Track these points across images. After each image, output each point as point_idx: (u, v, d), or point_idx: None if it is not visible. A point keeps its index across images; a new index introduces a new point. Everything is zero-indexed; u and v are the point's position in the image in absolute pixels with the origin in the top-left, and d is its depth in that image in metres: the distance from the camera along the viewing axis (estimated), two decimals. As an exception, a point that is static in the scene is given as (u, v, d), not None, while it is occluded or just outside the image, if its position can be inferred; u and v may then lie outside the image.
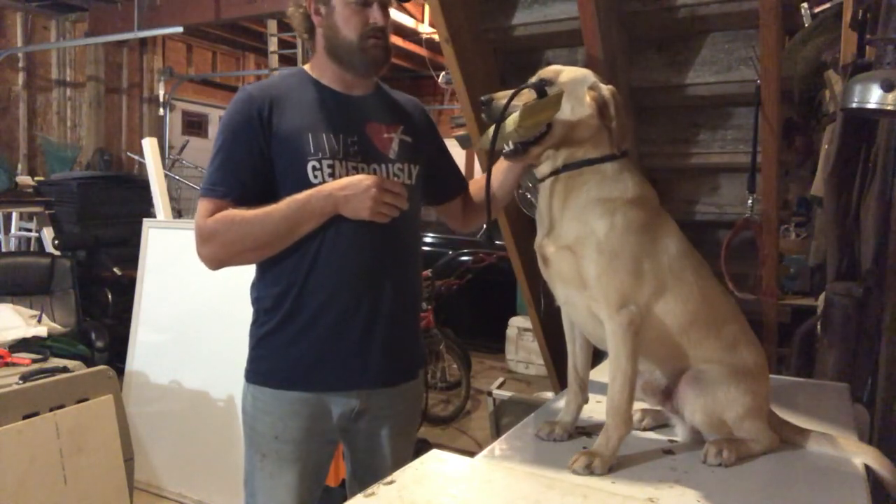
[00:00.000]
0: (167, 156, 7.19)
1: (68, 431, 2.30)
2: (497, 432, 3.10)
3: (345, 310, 1.48)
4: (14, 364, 2.84)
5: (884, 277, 1.96)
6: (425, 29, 7.29)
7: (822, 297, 2.42)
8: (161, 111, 7.61)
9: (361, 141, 1.51)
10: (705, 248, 1.42)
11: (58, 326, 3.62)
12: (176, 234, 3.47)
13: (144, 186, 4.68)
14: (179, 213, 6.64)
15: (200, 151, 7.35)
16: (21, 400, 2.23)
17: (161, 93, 7.59)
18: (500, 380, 3.63)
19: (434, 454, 1.17)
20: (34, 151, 6.58)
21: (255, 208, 1.42)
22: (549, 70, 1.26)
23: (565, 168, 1.23)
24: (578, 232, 1.18)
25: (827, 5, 2.47)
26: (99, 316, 4.60)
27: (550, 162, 1.25)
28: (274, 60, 7.10)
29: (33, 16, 6.54)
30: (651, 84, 2.43)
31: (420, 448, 3.21)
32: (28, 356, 2.93)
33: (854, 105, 1.56)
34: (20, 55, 6.43)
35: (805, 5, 2.48)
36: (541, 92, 1.21)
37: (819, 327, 2.47)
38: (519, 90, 1.22)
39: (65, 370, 2.69)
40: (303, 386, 1.50)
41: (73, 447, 2.31)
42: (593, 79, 1.25)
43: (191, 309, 3.32)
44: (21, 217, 5.62)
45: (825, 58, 2.51)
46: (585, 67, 2.28)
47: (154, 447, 3.33)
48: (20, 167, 6.30)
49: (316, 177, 1.44)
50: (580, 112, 1.21)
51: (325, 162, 1.45)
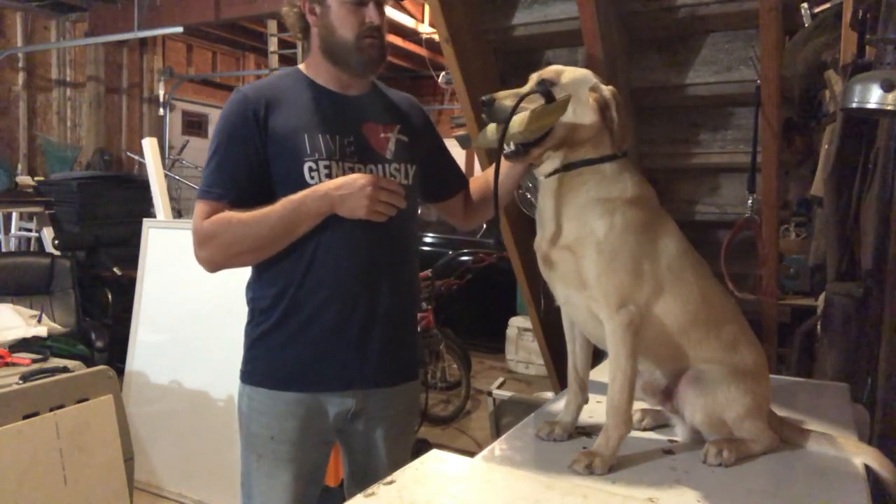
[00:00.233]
0: (167, 156, 7.19)
1: (68, 431, 2.30)
2: (497, 432, 3.10)
3: (342, 310, 1.47)
4: (14, 364, 2.83)
5: (884, 277, 1.96)
6: (425, 29, 7.29)
7: (822, 297, 2.42)
8: (161, 111, 7.62)
9: (358, 141, 1.50)
10: (705, 248, 1.42)
11: (58, 326, 3.62)
12: (176, 234, 3.47)
13: (144, 186, 4.68)
14: (179, 213, 6.64)
15: (200, 151, 7.34)
16: (21, 400, 2.23)
17: (161, 93, 7.59)
18: (500, 380, 3.63)
19: (434, 454, 1.17)
20: (34, 151, 6.59)
21: (252, 210, 1.41)
22: (550, 70, 1.26)
23: (566, 168, 1.22)
24: (578, 232, 1.18)
25: (827, 5, 2.47)
26: (99, 316, 4.59)
27: (551, 162, 1.25)
28: (274, 60, 7.10)
29: (33, 16, 6.54)
30: (651, 84, 2.43)
31: (420, 448, 3.21)
32: (28, 356, 2.93)
33: (854, 105, 1.56)
34: (20, 55, 6.43)
35: (805, 5, 2.48)
36: (548, 96, 1.20)
37: (819, 327, 2.47)
38: (527, 94, 1.20)
39: (65, 370, 2.69)
40: (299, 386, 1.49)
41: (73, 447, 2.31)
42: (594, 79, 1.25)
43: (191, 309, 3.32)
44: (21, 217, 5.62)
45: (825, 58, 2.51)
46: (585, 67, 2.28)
47: (154, 447, 3.33)
48: (20, 167, 6.30)
49: (312, 177, 1.43)
50: (582, 113, 1.21)
51: (322, 163, 1.44)
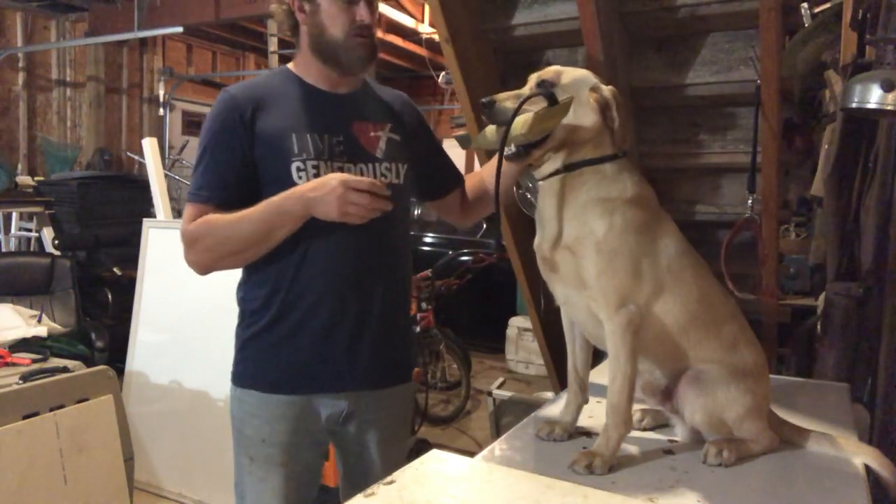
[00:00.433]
0: (167, 156, 7.19)
1: (68, 431, 2.30)
2: (497, 432, 3.10)
3: (332, 312, 1.46)
4: (14, 364, 2.83)
5: (884, 277, 1.96)
6: (425, 29, 7.29)
7: (822, 297, 2.42)
8: (161, 111, 7.62)
9: (348, 140, 1.48)
10: (705, 248, 1.42)
11: (58, 326, 3.62)
12: (176, 234, 3.40)
13: (144, 186, 4.68)
14: (179, 213, 6.62)
15: (200, 151, 7.34)
16: (21, 400, 2.23)
17: (161, 93, 7.59)
18: (500, 380, 3.63)
19: (434, 454, 1.17)
20: (34, 151, 6.59)
21: (239, 212, 1.39)
22: (550, 71, 1.25)
23: (566, 168, 1.22)
24: (578, 232, 1.18)
25: (827, 5, 2.47)
26: (99, 316, 4.59)
27: (551, 163, 1.25)
28: (274, 60, 7.10)
29: (33, 16, 6.54)
30: (651, 84, 2.43)
31: (420, 448, 3.22)
32: (28, 356, 2.93)
33: (854, 105, 1.56)
34: (20, 55, 6.43)
35: (805, 5, 2.48)
36: (551, 98, 1.19)
37: (819, 327, 2.47)
38: (529, 97, 1.20)
39: (65, 370, 2.69)
40: (290, 389, 1.47)
41: (73, 447, 2.31)
42: (594, 80, 1.25)
43: (191, 309, 3.32)
44: (21, 217, 5.62)
45: (825, 58, 2.51)
46: (586, 67, 2.28)
47: (154, 447, 3.33)
48: (20, 167, 6.30)
49: (300, 178, 1.41)
50: (582, 114, 1.21)
51: (310, 163, 1.42)
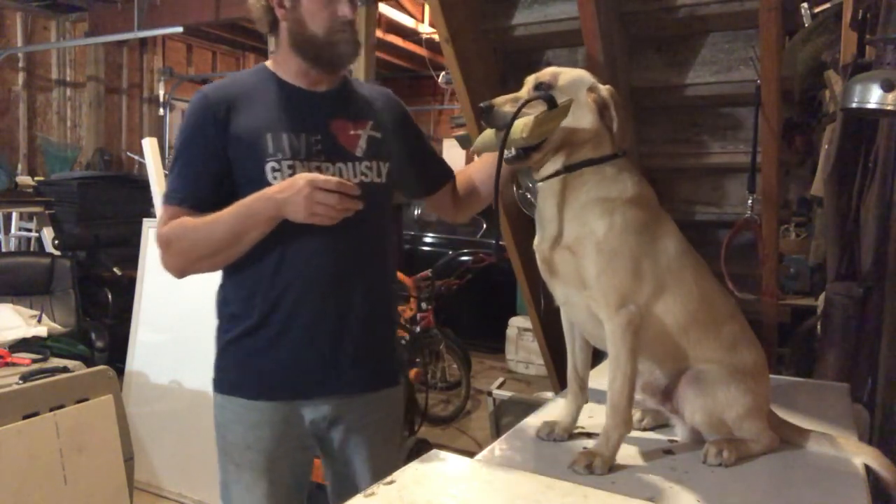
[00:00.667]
0: (167, 156, 7.18)
1: (68, 431, 2.30)
2: (497, 432, 3.10)
3: (311, 316, 1.42)
4: (14, 364, 2.83)
5: (884, 277, 1.96)
6: (425, 29, 7.29)
7: (822, 297, 2.42)
8: (161, 111, 7.62)
9: (326, 139, 1.44)
10: (705, 248, 1.42)
11: (58, 326, 3.62)
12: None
13: (144, 186, 4.68)
14: (179, 213, 6.63)
15: (200, 151, 7.34)
16: (21, 400, 2.23)
17: (161, 93, 7.59)
18: (500, 380, 3.63)
19: (434, 454, 1.17)
20: (34, 151, 6.59)
21: (211, 214, 1.36)
22: (547, 73, 1.25)
23: (567, 169, 1.22)
24: (578, 232, 1.18)
25: (827, 5, 2.47)
26: (99, 316, 4.60)
27: (551, 164, 1.24)
28: (274, 60, 7.09)
29: (33, 16, 6.54)
30: (651, 84, 2.43)
31: (420, 448, 3.22)
32: (28, 356, 2.92)
33: (854, 105, 1.56)
34: (20, 55, 6.43)
35: (805, 5, 2.48)
36: (550, 101, 1.19)
37: (819, 327, 2.47)
38: (528, 101, 1.19)
39: (65, 370, 2.69)
40: (270, 395, 1.45)
41: (73, 447, 2.31)
42: (591, 80, 1.25)
43: (191, 309, 3.31)
44: (21, 217, 5.62)
45: (825, 58, 2.51)
46: (585, 67, 2.28)
47: (154, 447, 3.33)
48: (20, 167, 6.30)
49: (275, 178, 1.37)
50: (581, 115, 1.21)
51: (286, 163, 1.39)
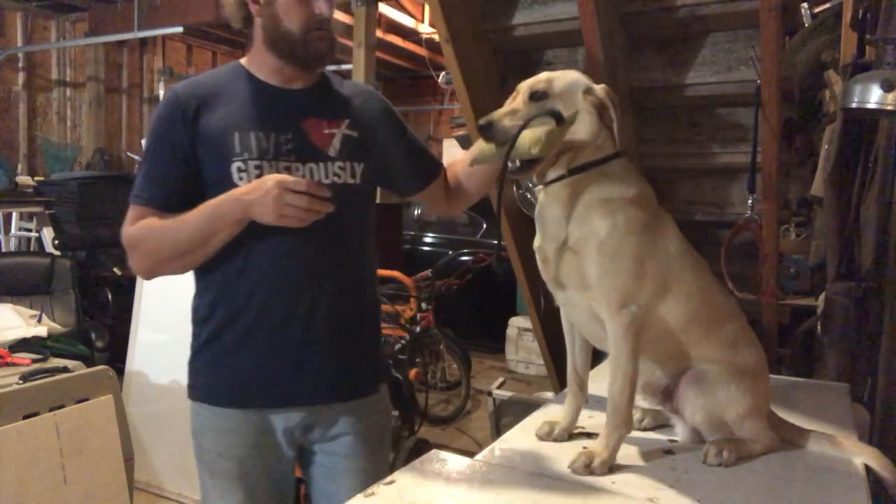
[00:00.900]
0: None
1: (68, 431, 2.30)
2: (497, 432, 3.10)
3: (277, 321, 1.38)
4: (14, 364, 2.83)
5: (884, 277, 1.96)
6: (425, 29, 7.29)
7: (822, 297, 2.42)
8: (161, 111, 7.62)
9: (297, 138, 1.39)
10: (706, 248, 1.42)
11: (58, 326, 3.62)
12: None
13: (144, 186, 4.67)
14: (179, 213, 6.63)
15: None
16: (21, 400, 2.23)
17: (161, 93, 7.58)
18: (500, 380, 3.63)
19: (434, 454, 1.17)
20: (34, 151, 6.59)
21: (178, 215, 1.33)
22: (541, 81, 1.22)
23: (571, 173, 1.21)
24: (581, 233, 1.18)
25: (827, 5, 2.48)
26: (99, 316, 4.60)
27: (554, 169, 1.23)
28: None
29: (33, 16, 6.54)
30: (651, 84, 2.43)
31: (420, 448, 3.22)
32: (28, 356, 2.93)
33: (854, 105, 1.56)
34: (20, 55, 6.43)
35: (805, 5, 2.48)
36: (557, 117, 1.17)
37: (819, 327, 2.47)
38: (534, 117, 1.17)
39: (65, 370, 2.69)
40: (238, 403, 1.41)
41: (73, 447, 2.31)
42: (585, 81, 1.23)
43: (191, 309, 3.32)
44: (21, 217, 5.63)
45: (825, 58, 2.51)
46: (586, 67, 2.28)
47: (154, 447, 3.33)
48: (20, 167, 6.31)
49: (241, 179, 1.33)
50: (581, 119, 1.20)
51: (252, 163, 1.34)
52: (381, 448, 1.56)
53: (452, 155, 6.06)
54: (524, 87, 1.22)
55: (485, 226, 6.33)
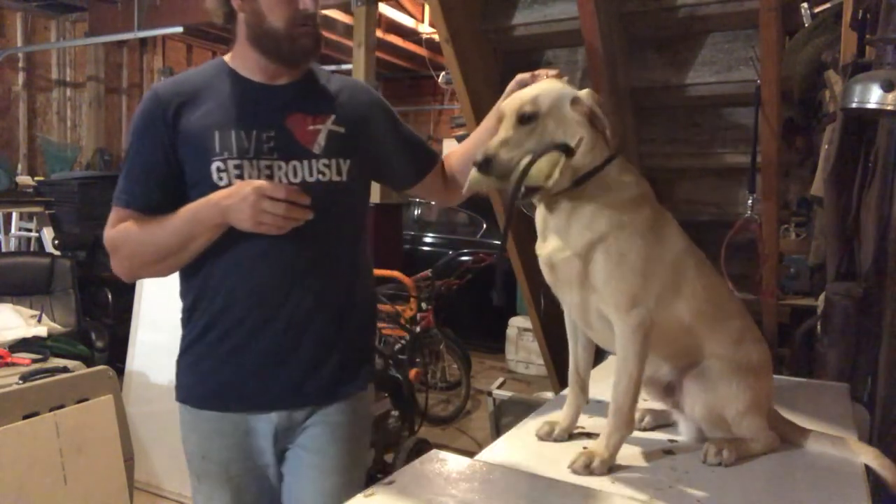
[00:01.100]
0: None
1: (68, 431, 2.30)
2: (497, 432, 3.10)
3: (256, 324, 1.35)
4: (14, 364, 2.83)
5: (884, 277, 1.96)
6: (425, 29, 7.29)
7: (822, 297, 2.42)
8: (161, 111, 7.61)
9: (280, 136, 1.35)
10: (706, 249, 1.42)
11: (58, 326, 3.62)
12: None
13: (144, 186, 4.67)
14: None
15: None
16: (21, 400, 2.23)
17: (161, 93, 7.58)
18: (500, 380, 3.63)
19: (434, 454, 1.17)
20: (34, 151, 6.59)
21: (157, 218, 1.32)
22: (526, 101, 1.15)
23: (575, 184, 1.18)
24: (587, 239, 1.17)
25: (827, 5, 2.48)
26: (99, 316, 4.60)
27: (559, 183, 1.21)
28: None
29: (33, 16, 6.54)
30: (651, 84, 2.44)
31: (420, 448, 3.22)
32: (28, 356, 2.93)
33: (854, 105, 1.56)
34: (20, 55, 6.43)
35: (805, 5, 2.48)
36: (566, 149, 1.13)
37: (819, 327, 2.47)
38: (542, 154, 1.12)
39: (65, 370, 2.69)
40: (218, 405, 1.39)
41: (73, 447, 2.31)
42: (569, 91, 1.19)
43: (191, 309, 3.32)
44: (21, 217, 5.63)
45: (825, 58, 2.51)
46: (586, 67, 2.28)
47: (154, 447, 3.33)
48: (20, 167, 6.31)
49: (221, 179, 1.30)
50: (575, 131, 1.16)
51: (232, 162, 1.31)
52: (355, 448, 1.49)
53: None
54: (510, 111, 1.16)
55: (485, 226, 6.33)
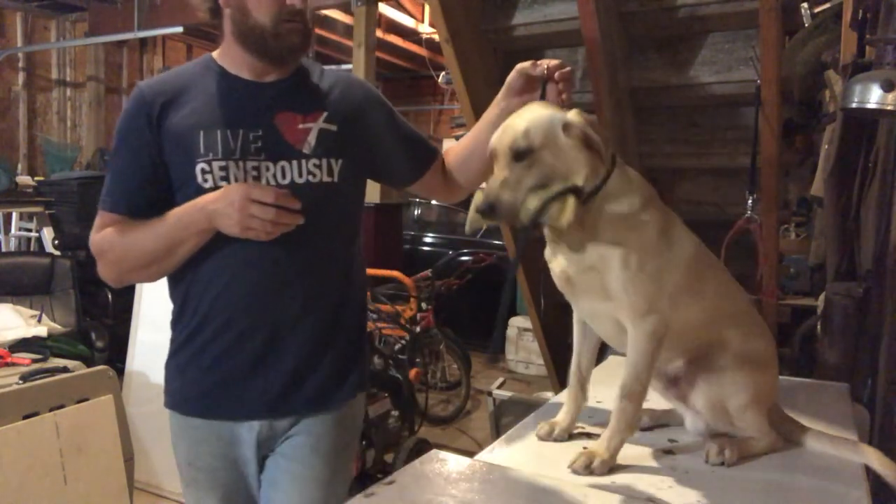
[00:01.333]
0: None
1: (68, 431, 2.30)
2: (497, 432, 3.10)
3: (241, 331, 1.31)
4: (14, 364, 2.84)
5: (884, 277, 1.96)
6: (425, 29, 7.29)
7: (822, 297, 2.42)
8: (161, 111, 7.62)
9: (268, 135, 1.29)
10: (705, 249, 1.43)
11: (58, 326, 3.62)
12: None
13: (144, 186, 4.67)
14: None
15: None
16: (21, 400, 2.23)
17: (161, 93, 7.59)
18: (500, 380, 3.63)
19: (434, 454, 1.17)
20: (34, 151, 6.59)
21: (143, 223, 1.28)
22: (518, 138, 1.10)
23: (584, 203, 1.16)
24: (601, 251, 1.16)
25: (827, 5, 2.48)
26: (99, 316, 4.60)
27: None
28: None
29: (33, 16, 6.54)
30: (651, 84, 2.44)
31: (420, 448, 3.22)
32: (28, 356, 2.93)
33: (854, 105, 1.56)
34: (20, 55, 6.43)
35: (805, 5, 2.48)
36: (576, 191, 1.10)
37: (819, 327, 2.47)
38: (553, 200, 1.09)
39: (65, 370, 2.70)
40: (202, 412, 1.36)
41: (73, 447, 2.31)
42: (559, 116, 1.14)
43: (191, 309, 3.32)
44: (21, 217, 5.63)
45: (825, 58, 2.51)
46: (586, 67, 2.28)
47: (154, 447, 3.33)
48: (20, 167, 6.31)
49: (206, 181, 1.26)
50: (572, 158, 1.13)
51: (216, 163, 1.26)
52: (339, 460, 1.43)
53: (452, 155, 6.03)
54: (503, 149, 1.11)
55: (485, 226, 6.32)
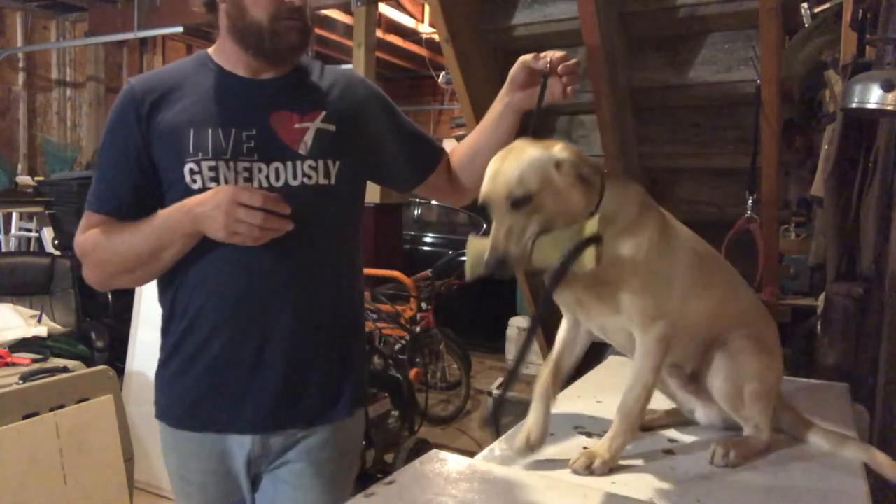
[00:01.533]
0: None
1: (68, 431, 2.30)
2: (497, 432, 3.10)
3: (231, 341, 1.25)
4: (14, 364, 2.84)
5: (884, 277, 1.96)
6: (425, 29, 7.30)
7: (822, 297, 2.42)
8: (161, 111, 7.62)
9: (261, 135, 1.24)
10: (705, 249, 1.43)
11: (58, 326, 3.62)
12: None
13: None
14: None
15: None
16: (21, 400, 2.24)
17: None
18: (500, 380, 3.63)
19: (434, 454, 1.17)
20: (34, 151, 6.59)
21: (129, 224, 1.23)
22: (513, 185, 1.06)
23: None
24: (608, 265, 1.16)
25: (827, 5, 2.48)
26: (99, 316, 4.60)
27: None
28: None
29: (33, 16, 6.54)
30: (651, 84, 2.43)
31: (420, 448, 3.22)
32: (28, 356, 2.93)
33: (854, 105, 1.56)
34: (20, 55, 6.43)
35: (805, 5, 2.48)
36: (596, 240, 1.06)
37: (819, 327, 2.48)
38: (576, 254, 1.03)
39: (65, 370, 2.70)
40: (192, 425, 1.31)
41: (73, 447, 2.31)
42: (547, 155, 1.10)
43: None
44: (21, 217, 5.63)
45: (825, 58, 2.52)
46: (586, 67, 2.28)
47: (154, 447, 3.31)
48: (20, 167, 6.31)
49: (195, 181, 1.21)
50: (567, 194, 1.10)
51: (206, 163, 1.21)
52: (339, 483, 1.37)
53: (452, 155, 6.04)
54: (498, 200, 1.07)
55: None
